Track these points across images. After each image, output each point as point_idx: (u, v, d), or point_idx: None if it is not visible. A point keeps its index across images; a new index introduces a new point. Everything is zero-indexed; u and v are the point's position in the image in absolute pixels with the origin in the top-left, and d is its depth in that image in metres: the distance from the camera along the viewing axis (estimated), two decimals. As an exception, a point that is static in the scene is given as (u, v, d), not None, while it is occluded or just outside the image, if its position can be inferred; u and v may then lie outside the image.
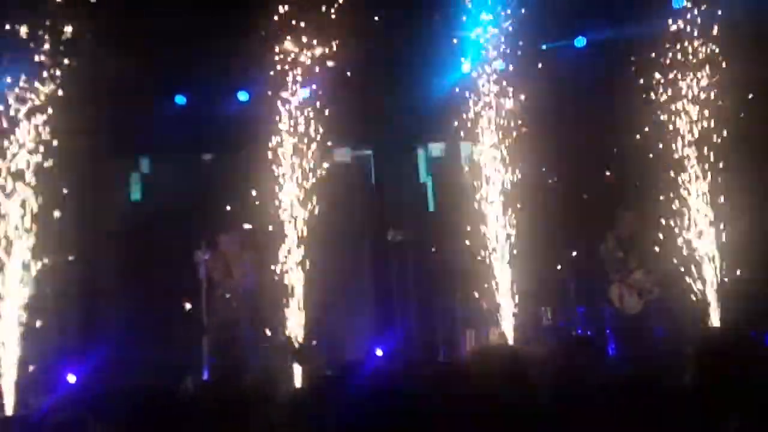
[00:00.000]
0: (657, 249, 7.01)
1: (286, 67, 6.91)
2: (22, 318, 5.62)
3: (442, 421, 2.07)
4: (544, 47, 7.61)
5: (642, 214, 7.20)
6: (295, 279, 6.58)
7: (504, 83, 6.95)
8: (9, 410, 5.19)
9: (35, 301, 5.73)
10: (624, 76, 7.13)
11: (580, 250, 7.39)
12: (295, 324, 6.44)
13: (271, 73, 6.87)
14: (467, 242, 6.73)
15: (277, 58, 6.88)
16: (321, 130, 6.85)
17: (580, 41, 7.85)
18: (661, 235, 6.88)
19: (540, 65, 7.03)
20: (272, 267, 6.58)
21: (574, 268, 7.30)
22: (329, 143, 6.97)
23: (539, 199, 6.89)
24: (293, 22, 6.84)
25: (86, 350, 6.49)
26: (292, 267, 6.57)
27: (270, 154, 6.75)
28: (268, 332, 6.64)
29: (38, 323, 5.62)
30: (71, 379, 5.72)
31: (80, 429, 2.28)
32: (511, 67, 6.96)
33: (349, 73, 7.04)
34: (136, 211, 7.99)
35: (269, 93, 6.87)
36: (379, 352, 6.71)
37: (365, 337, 7.33)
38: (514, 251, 6.65)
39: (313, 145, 6.82)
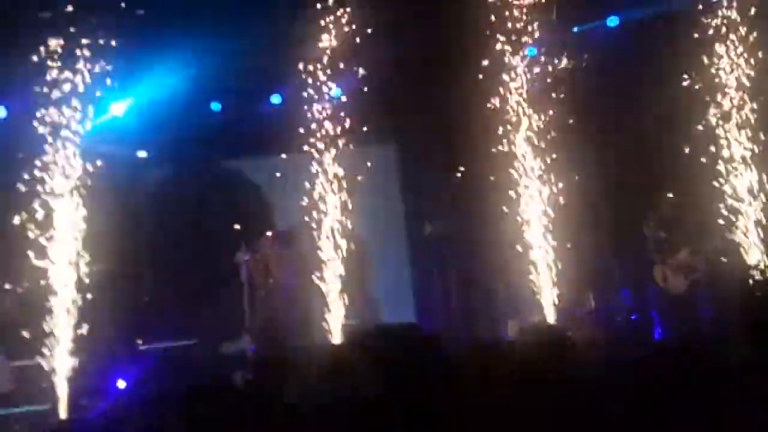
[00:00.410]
0: (701, 226, 6.89)
1: (318, 66, 6.97)
2: (72, 321, 5.77)
3: (482, 394, 2.05)
4: (575, 29, 7.53)
5: (684, 195, 7.08)
6: (334, 277, 6.63)
7: (535, 67, 6.90)
8: (62, 412, 5.34)
9: (85, 304, 5.90)
10: (661, 55, 7.02)
11: (623, 231, 7.30)
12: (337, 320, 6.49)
13: (303, 75, 6.94)
14: (505, 229, 6.70)
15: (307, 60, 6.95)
16: (353, 126, 6.89)
17: (614, 20, 7.74)
18: (703, 213, 6.76)
19: (573, 47, 6.95)
20: (313, 267, 6.64)
21: (618, 251, 7.21)
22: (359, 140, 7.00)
23: (580, 182, 6.82)
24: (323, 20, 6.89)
25: (135, 357, 6.66)
26: (333, 266, 6.62)
27: (304, 154, 6.82)
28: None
29: (87, 328, 5.78)
30: (121, 384, 5.87)
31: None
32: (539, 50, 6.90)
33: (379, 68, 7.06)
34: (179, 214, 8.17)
35: (302, 93, 6.92)
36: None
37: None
38: (554, 236, 6.59)
39: (344, 142, 6.86)
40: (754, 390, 2.45)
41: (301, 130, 6.84)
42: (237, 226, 7.20)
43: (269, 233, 7.27)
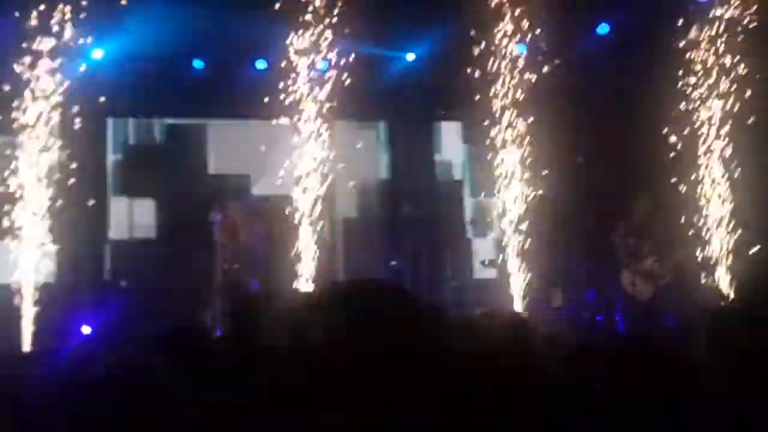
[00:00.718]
0: (670, 236, 6.98)
1: (305, 35, 6.88)
2: (40, 265, 5.67)
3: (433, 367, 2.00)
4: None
5: (656, 201, 7.15)
6: (308, 250, 6.60)
7: (520, 63, 6.91)
8: (26, 347, 5.25)
9: (53, 248, 5.80)
10: (643, 62, 7.08)
11: (595, 234, 7.35)
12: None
13: (289, 41, 6.85)
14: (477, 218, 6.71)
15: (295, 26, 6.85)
16: (337, 101, 6.83)
17: (604, 28, 7.76)
18: (673, 223, 6.85)
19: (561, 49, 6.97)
20: (284, 236, 6.60)
21: (589, 252, 7.26)
22: (342, 116, 6.94)
23: (554, 180, 6.86)
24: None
25: (99, 303, 6.59)
26: (305, 238, 6.58)
27: (286, 123, 6.74)
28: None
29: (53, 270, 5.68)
30: (86, 330, 5.78)
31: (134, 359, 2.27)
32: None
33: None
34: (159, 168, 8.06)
35: (287, 61, 6.83)
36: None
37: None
38: (527, 230, 6.62)
39: (327, 117, 6.80)
40: (705, 394, 2.43)
41: (285, 100, 6.77)
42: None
43: (238, 199, 7.25)
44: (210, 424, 2.10)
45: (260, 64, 7.93)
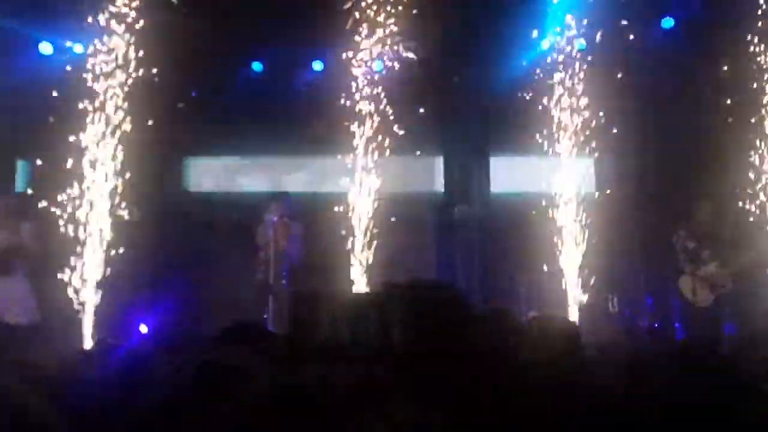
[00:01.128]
0: (732, 242, 6.79)
1: (361, 40, 6.93)
2: (101, 268, 5.86)
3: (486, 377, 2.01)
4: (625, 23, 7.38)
5: (719, 206, 6.96)
6: (359, 253, 6.65)
7: (582, 65, 6.82)
8: (88, 345, 5.44)
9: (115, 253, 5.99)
10: (710, 60, 6.90)
11: (654, 238, 7.21)
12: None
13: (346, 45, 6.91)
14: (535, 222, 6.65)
15: (352, 30, 6.90)
16: (391, 105, 6.86)
17: (668, 22, 7.58)
18: (736, 227, 6.67)
19: (624, 46, 6.84)
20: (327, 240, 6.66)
21: (647, 257, 7.11)
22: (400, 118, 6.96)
23: (615, 184, 6.75)
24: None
25: (155, 304, 6.76)
26: (356, 240, 6.64)
27: (337, 126, 6.81)
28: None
29: (114, 273, 5.87)
30: (143, 329, 5.95)
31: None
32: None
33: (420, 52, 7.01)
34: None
35: (344, 62, 6.89)
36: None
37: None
38: (585, 235, 6.53)
39: (379, 119, 6.84)
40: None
41: (341, 101, 6.83)
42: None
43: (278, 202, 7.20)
44: (268, 420, 2.14)
45: (317, 65, 8.01)
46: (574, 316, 6.31)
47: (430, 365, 1.80)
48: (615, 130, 6.80)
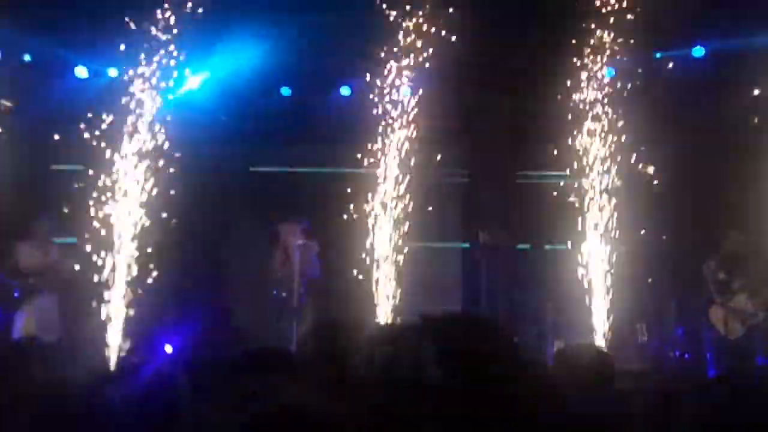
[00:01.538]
0: (763, 272, 6.67)
1: (391, 64, 6.97)
2: (127, 289, 5.91)
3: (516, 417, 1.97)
4: (658, 55, 7.38)
5: (749, 234, 6.85)
6: (383, 275, 6.62)
7: (609, 90, 6.79)
8: (112, 366, 5.46)
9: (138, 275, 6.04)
10: (741, 88, 6.84)
11: (684, 268, 7.10)
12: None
13: (375, 69, 6.95)
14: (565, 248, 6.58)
15: (382, 55, 6.96)
16: (418, 130, 6.87)
17: (699, 51, 7.54)
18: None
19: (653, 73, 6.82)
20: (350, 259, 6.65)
21: (677, 287, 7.00)
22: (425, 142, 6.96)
23: (645, 211, 6.67)
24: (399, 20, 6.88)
25: (180, 324, 6.79)
26: (380, 262, 6.62)
27: (367, 148, 6.83)
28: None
29: (139, 293, 5.91)
30: (168, 349, 5.96)
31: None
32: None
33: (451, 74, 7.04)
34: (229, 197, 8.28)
35: (372, 88, 6.93)
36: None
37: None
38: (614, 262, 6.45)
39: (408, 144, 6.85)
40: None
41: (368, 124, 6.86)
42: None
43: (290, 222, 7.22)
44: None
45: (344, 90, 8.08)
46: (601, 345, 6.20)
47: (466, 400, 1.77)
48: (644, 159, 6.75)
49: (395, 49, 6.90)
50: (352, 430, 1.65)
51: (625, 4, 6.58)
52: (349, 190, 6.76)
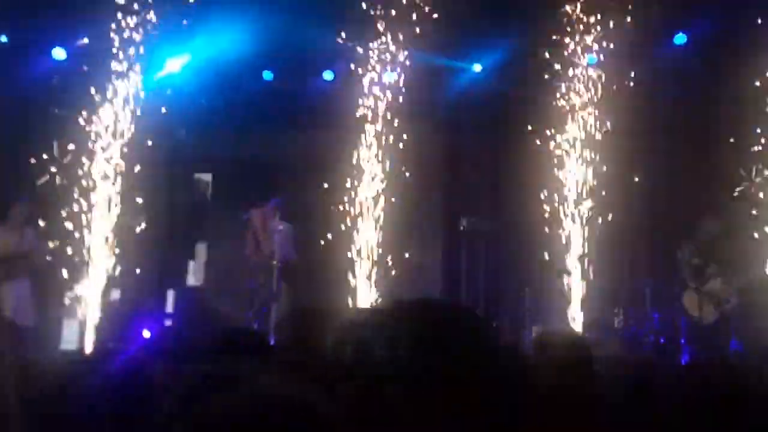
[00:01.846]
0: (737, 258, 6.77)
1: (374, 48, 6.95)
2: (107, 272, 5.87)
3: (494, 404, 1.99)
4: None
5: (723, 220, 6.95)
6: (363, 259, 6.64)
7: (593, 76, 6.83)
8: (88, 349, 5.44)
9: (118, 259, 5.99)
10: (722, 76, 6.91)
11: (659, 254, 7.18)
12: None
13: (358, 53, 6.93)
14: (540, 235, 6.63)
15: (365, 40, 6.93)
16: (400, 113, 6.87)
17: (681, 38, 7.58)
18: (741, 244, 6.65)
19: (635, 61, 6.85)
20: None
21: (652, 273, 7.09)
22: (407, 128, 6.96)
23: (621, 198, 6.74)
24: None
25: (157, 310, 6.77)
26: (360, 246, 6.63)
27: (348, 133, 6.81)
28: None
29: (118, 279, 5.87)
30: (146, 334, 5.93)
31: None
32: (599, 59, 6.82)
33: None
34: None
35: (354, 72, 6.91)
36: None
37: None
38: (590, 249, 6.52)
39: (391, 127, 6.84)
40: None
41: (351, 109, 6.84)
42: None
43: (259, 205, 7.10)
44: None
45: (327, 75, 8.02)
46: (576, 328, 6.28)
47: (440, 387, 1.77)
48: (621, 144, 6.80)
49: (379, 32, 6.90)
50: (324, 416, 1.65)
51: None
52: (329, 175, 6.75)
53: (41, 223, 6.54)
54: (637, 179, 7.19)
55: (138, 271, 6.43)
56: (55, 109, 6.29)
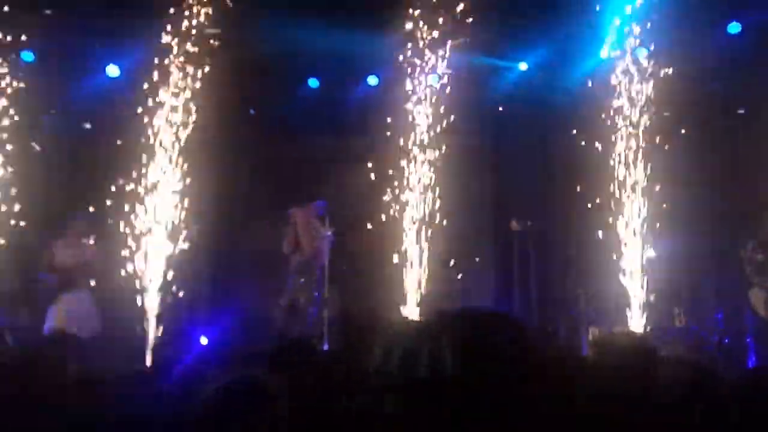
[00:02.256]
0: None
1: (417, 51, 6.91)
2: (163, 282, 5.96)
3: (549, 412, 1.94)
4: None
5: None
6: (414, 262, 6.58)
7: (645, 71, 6.63)
8: (148, 362, 5.53)
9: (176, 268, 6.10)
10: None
11: (723, 251, 6.94)
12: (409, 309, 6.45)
13: (401, 58, 6.90)
14: (599, 235, 6.46)
15: (408, 44, 6.90)
16: (447, 117, 6.81)
17: (735, 27, 7.33)
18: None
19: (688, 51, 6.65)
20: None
21: (716, 270, 6.85)
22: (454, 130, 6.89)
23: (681, 194, 6.53)
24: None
25: (215, 316, 6.84)
26: (409, 249, 6.58)
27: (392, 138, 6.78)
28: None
29: (176, 288, 5.97)
30: (204, 340, 6.01)
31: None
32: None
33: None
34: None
35: (400, 76, 6.88)
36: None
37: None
38: (649, 247, 6.32)
39: (437, 130, 6.79)
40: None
41: (396, 114, 6.81)
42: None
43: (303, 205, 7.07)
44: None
45: (372, 80, 8.03)
46: (637, 328, 6.10)
47: (481, 396, 1.74)
48: (680, 139, 6.60)
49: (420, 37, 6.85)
50: (375, 423, 1.64)
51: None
52: (374, 179, 6.74)
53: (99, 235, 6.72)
54: (697, 172, 6.97)
55: (199, 275, 6.50)
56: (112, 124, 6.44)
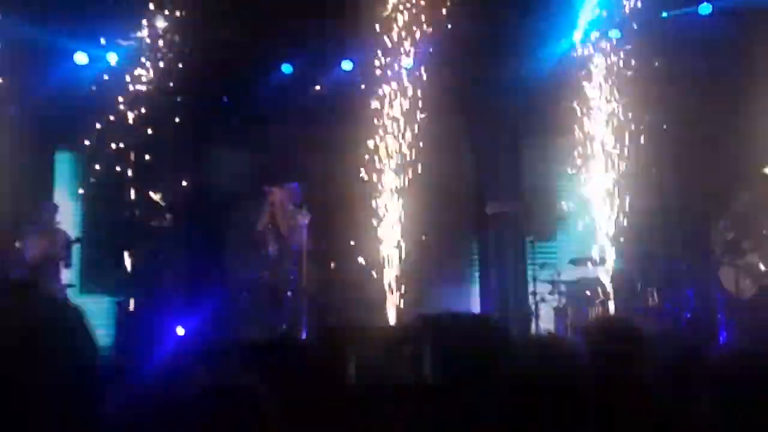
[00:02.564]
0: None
1: (391, 35, 6.88)
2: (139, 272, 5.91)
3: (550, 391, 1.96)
4: (664, 15, 7.26)
5: (758, 193, 6.79)
6: (390, 247, 6.60)
7: (620, 53, 6.69)
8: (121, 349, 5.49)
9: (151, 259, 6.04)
10: (748, 47, 6.72)
11: (693, 230, 7.06)
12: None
13: (375, 42, 6.87)
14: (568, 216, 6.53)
15: (381, 27, 6.87)
16: (422, 98, 6.80)
17: (706, 8, 7.40)
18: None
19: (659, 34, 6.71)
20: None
21: (686, 249, 6.97)
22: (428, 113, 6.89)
23: (653, 175, 6.62)
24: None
25: (192, 306, 6.79)
26: (385, 233, 6.59)
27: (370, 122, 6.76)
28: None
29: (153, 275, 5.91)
30: (180, 331, 5.97)
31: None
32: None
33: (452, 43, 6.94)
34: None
35: (375, 60, 6.85)
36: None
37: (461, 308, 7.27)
38: (622, 226, 6.42)
39: (413, 113, 6.78)
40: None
41: (371, 99, 6.79)
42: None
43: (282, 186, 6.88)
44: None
45: (346, 65, 7.98)
46: (612, 309, 6.20)
47: (463, 401, 1.75)
48: (651, 119, 6.68)
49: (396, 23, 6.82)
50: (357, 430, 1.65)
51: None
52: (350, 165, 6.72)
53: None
54: (670, 152, 7.07)
55: (173, 266, 6.46)
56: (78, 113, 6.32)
